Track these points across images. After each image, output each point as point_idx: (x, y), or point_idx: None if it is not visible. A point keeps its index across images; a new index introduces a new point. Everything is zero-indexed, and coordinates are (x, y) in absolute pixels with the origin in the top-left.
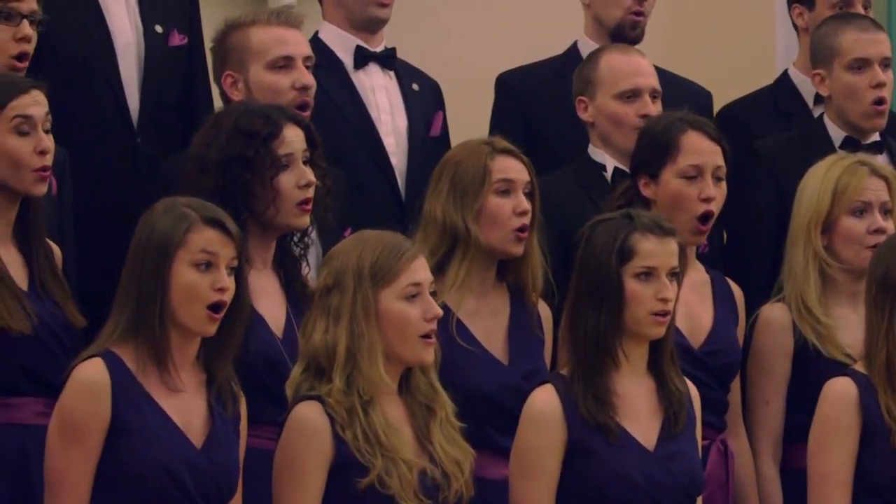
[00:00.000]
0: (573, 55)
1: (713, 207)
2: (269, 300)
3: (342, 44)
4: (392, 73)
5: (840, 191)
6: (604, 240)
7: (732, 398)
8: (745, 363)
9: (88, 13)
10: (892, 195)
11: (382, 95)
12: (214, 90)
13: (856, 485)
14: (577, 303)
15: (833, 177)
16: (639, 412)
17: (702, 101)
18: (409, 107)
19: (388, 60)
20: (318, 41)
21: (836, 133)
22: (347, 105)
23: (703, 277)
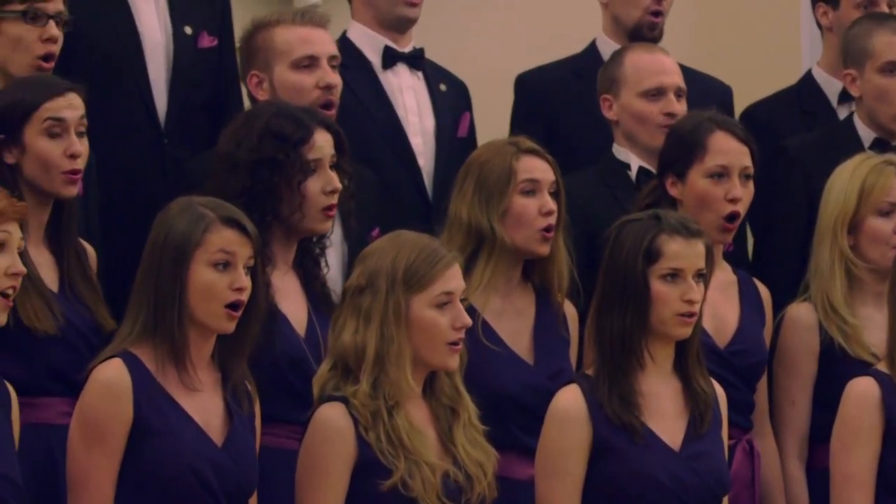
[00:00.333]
0: (592, 54)
1: (740, 208)
2: (292, 300)
3: (370, 44)
4: (420, 74)
5: (867, 190)
6: (631, 240)
7: (759, 398)
8: (772, 363)
9: (118, 14)
10: None
11: (410, 96)
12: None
13: (878, 485)
14: (604, 303)
15: (860, 176)
16: (664, 412)
17: (722, 96)
18: (437, 107)
19: (417, 61)
20: (346, 41)
21: (866, 133)
22: (375, 105)
23: (730, 277)
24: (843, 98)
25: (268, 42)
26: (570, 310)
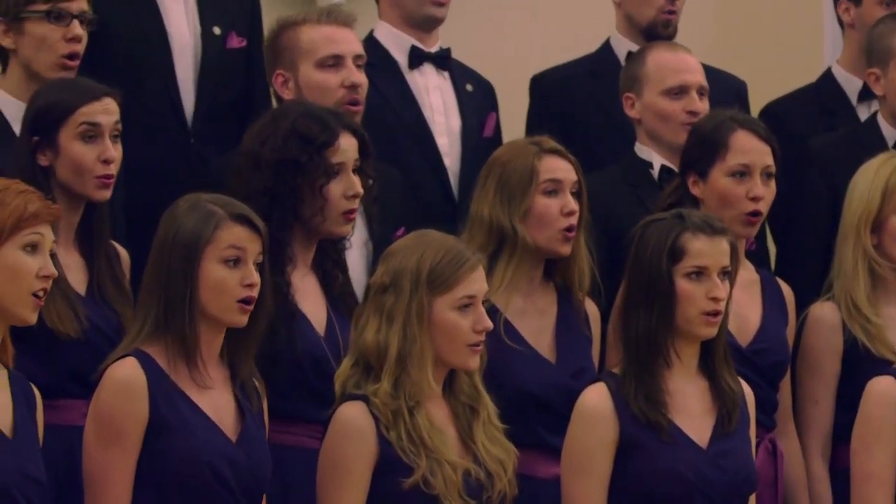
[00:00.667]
0: (606, 53)
1: (761, 207)
2: (311, 301)
3: (397, 43)
4: (446, 74)
5: (890, 189)
6: (655, 240)
7: (782, 397)
8: (795, 362)
9: (146, 15)
10: None
11: (436, 96)
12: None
13: None
14: (629, 302)
15: (883, 175)
16: (691, 410)
17: (736, 91)
18: (463, 108)
19: (443, 61)
20: (373, 40)
21: (890, 133)
22: (401, 105)
23: (753, 277)
24: (864, 96)
25: (293, 41)
26: (592, 308)
